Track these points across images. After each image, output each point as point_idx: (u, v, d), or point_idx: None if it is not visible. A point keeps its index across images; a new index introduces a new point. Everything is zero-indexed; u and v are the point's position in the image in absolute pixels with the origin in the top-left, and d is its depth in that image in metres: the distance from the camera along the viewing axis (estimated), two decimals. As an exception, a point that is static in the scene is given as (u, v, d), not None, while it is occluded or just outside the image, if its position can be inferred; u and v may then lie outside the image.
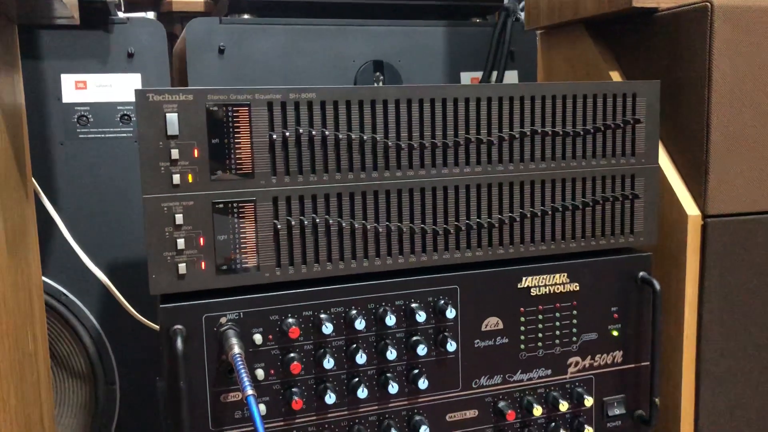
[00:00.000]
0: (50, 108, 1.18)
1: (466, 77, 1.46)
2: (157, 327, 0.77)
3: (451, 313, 0.85)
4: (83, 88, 1.20)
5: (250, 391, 0.70)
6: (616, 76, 1.08)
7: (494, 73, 1.44)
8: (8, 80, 0.92)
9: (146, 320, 1.17)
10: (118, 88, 1.21)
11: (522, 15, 1.38)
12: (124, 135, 1.21)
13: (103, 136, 1.21)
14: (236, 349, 0.74)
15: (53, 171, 1.18)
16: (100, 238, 1.21)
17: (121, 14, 1.23)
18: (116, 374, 1.23)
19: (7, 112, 0.88)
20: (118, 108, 1.21)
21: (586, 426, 0.92)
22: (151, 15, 1.68)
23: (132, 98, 1.19)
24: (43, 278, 1.16)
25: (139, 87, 1.22)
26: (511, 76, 1.49)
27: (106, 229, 1.21)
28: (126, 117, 1.21)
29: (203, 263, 0.77)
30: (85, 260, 1.10)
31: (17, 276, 0.88)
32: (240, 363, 0.73)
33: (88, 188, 1.20)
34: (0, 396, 0.76)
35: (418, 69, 1.41)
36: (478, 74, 1.45)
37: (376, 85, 1.37)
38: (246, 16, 1.33)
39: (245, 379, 0.71)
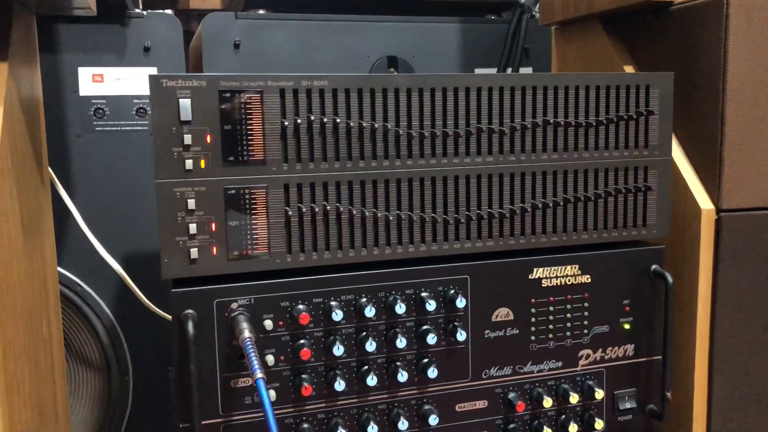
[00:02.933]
0: (67, 101, 1.19)
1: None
2: (170, 318, 0.78)
3: (461, 302, 0.85)
4: (100, 81, 1.21)
5: (259, 374, 0.70)
6: (630, 70, 1.08)
7: (508, 70, 1.44)
8: (27, 70, 0.93)
9: (160, 311, 1.17)
10: (134, 81, 1.22)
11: (537, 12, 1.38)
12: (140, 128, 1.22)
13: (119, 129, 1.22)
14: (246, 333, 0.75)
15: (70, 163, 1.20)
16: (116, 229, 1.22)
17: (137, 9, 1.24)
18: (130, 365, 1.24)
19: (24, 102, 0.89)
20: (134, 101, 1.22)
21: (596, 419, 0.91)
22: (168, 13, 1.70)
23: (148, 92, 1.20)
24: (59, 269, 1.17)
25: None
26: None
27: (122, 221, 1.22)
28: (142, 110, 1.22)
29: (215, 248, 0.77)
30: (100, 251, 1.11)
31: (32, 261, 0.89)
32: (250, 347, 0.73)
33: (104, 180, 1.21)
34: (15, 377, 0.77)
35: (433, 65, 1.41)
36: (493, 71, 1.45)
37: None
38: (261, 12, 1.34)
39: (255, 362, 0.71)
